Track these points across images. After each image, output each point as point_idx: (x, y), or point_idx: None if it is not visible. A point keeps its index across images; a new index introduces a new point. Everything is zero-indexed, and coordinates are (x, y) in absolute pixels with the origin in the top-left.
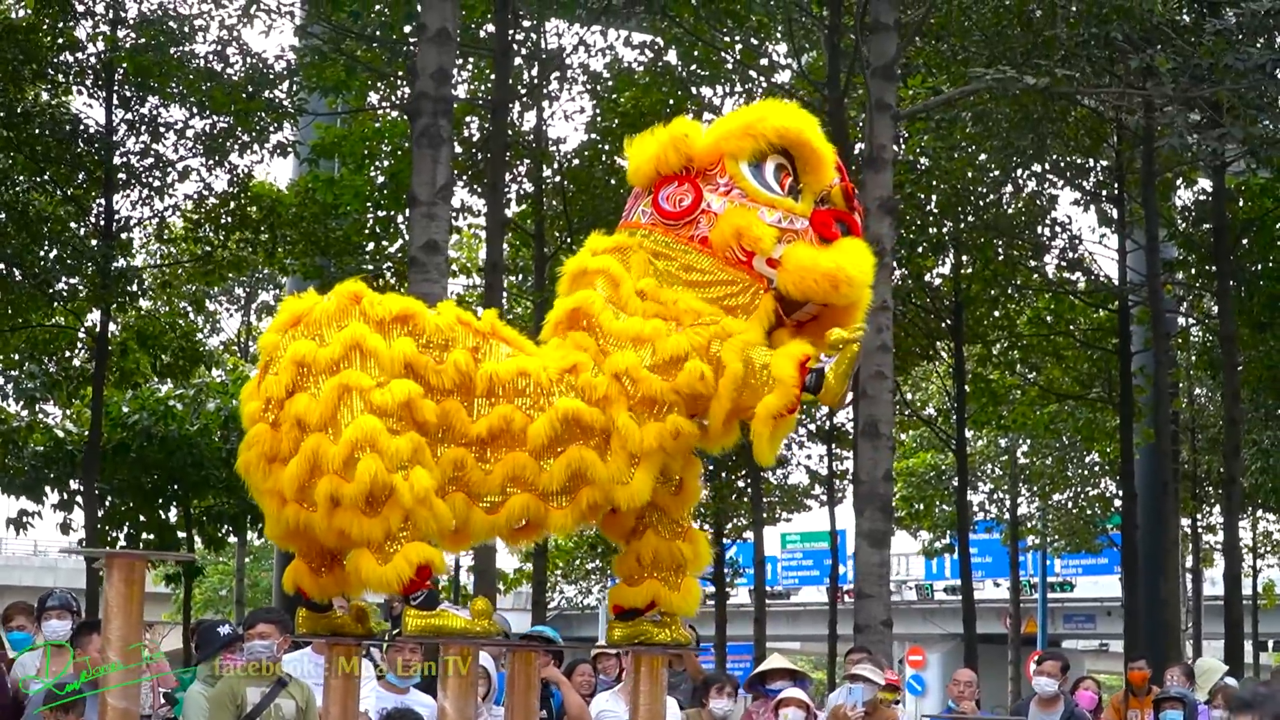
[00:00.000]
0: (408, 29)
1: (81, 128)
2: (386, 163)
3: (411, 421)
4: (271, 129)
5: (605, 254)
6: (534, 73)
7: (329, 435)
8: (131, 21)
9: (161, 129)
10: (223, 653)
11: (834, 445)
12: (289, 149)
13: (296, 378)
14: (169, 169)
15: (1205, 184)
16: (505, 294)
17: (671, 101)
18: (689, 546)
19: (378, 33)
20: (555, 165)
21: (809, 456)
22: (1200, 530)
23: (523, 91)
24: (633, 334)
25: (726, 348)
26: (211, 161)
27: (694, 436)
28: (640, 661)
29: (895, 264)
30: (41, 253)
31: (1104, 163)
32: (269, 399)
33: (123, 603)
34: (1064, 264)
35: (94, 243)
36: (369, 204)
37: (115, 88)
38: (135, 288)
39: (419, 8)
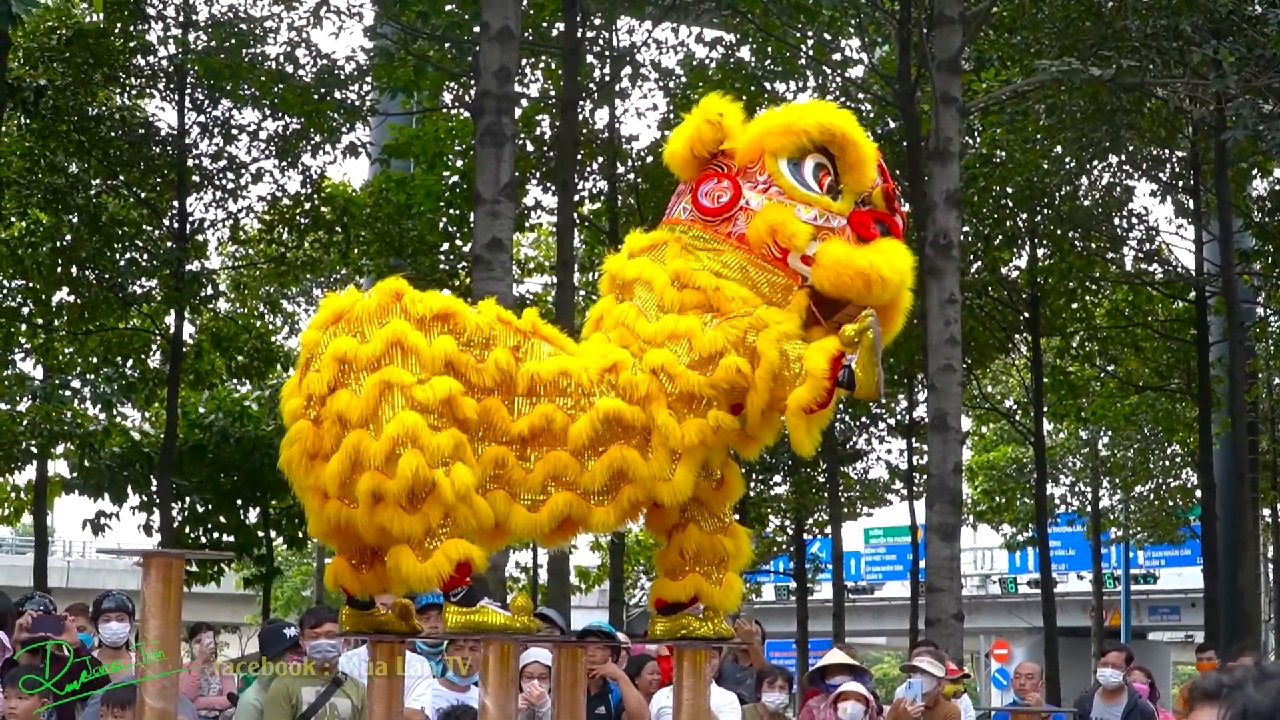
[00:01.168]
0: (476, 28)
1: (154, 131)
2: (459, 162)
3: (452, 419)
4: (343, 130)
5: (641, 255)
6: (605, 70)
7: (370, 432)
8: (202, 24)
9: (234, 131)
10: (289, 654)
11: (914, 439)
12: (360, 149)
13: (338, 374)
14: (242, 171)
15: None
16: (580, 292)
17: (744, 97)
18: (731, 541)
19: (446, 32)
20: (628, 162)
21: (889, 451)
22: None
23: (594, 89)
24: (668, 332)
25: (763, 337)
26: (284, 163)
27: (734, 431)
28: (683, 656)
29: (971, 257)
30: (116, 256)
31: (1179, 154)
32: (310, 395)
33: (160, 602)
34: (1141, 255)
35: (168, 245)
36: (442, 203)
37: (187, 91)
38: (210, 290)
39: (482, 7)
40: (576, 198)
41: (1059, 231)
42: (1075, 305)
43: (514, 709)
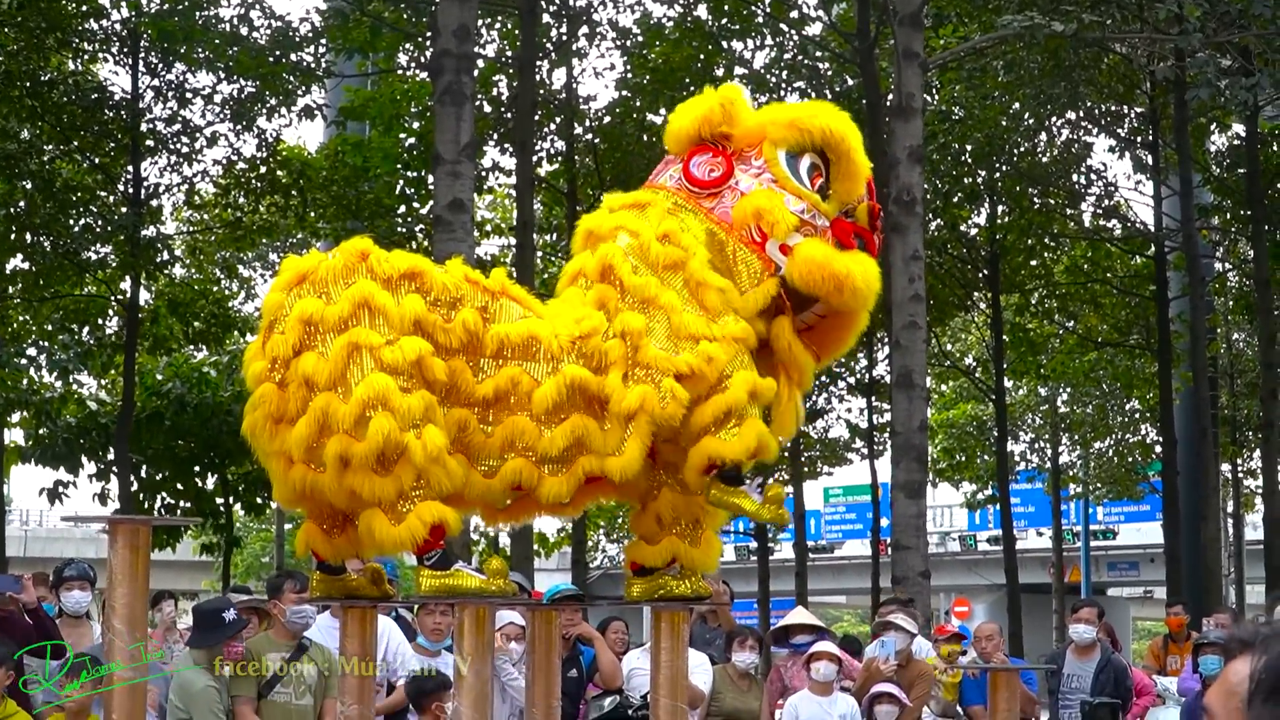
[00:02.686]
0: None
1: (108, 95)
2: (415, 124)
3: (422, 380)
4: (299, 92)
5: (622, 210)
6: (562, 30)
7: (339, 394)
8: None
9: (188, 95)
10: (226, 642)
11: (874, 398)
12: (316, 112)
13: (303, 336)
14: (197, 135)
15: (1239, 129)
16: (539, 253)
17: (702, 56)
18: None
19: None
20: (586, 123)
21: (849, 410)
22: (1241, 475)
23: (551, 49)
24: (651, 294)
25: (740, 377)
26: (239, 126)
27: (682, 411)
28: (661, 617)
29: (930, 215)
30: (70, 222)
31: (1138, 109)
32: (275, 358)
33: (127, 569)
34: (1100, 211)
35: (123, 211)
36: (399, 166)
37: (141, 54)
38: (165, 255)
39: None
40: (534, 159)
41: (1018, 188)
42: (1034, 262)
43: (489, 673)
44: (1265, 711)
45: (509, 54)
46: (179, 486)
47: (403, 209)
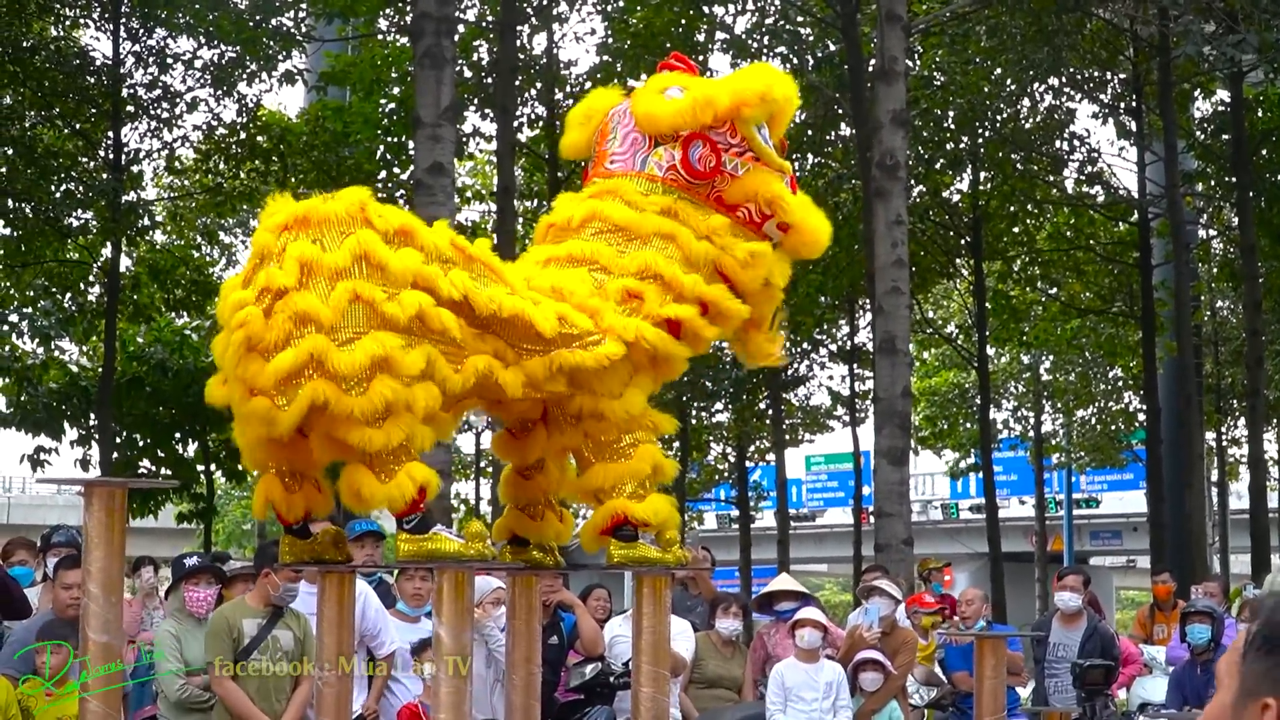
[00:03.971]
0: None
1: (89, 61)
2: (396, 89)
3: (424, 331)
4: (280, 57)
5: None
6: None
7: (334, 341)
8: None
9: (169, 60)
10: (184, 584)
11: (856, 365)
12: (297, 77)
13: (300, 277)
14: (177, 100)
15: (1223, 94)
16: (519, 219)
17: (684, 21)
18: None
19: None
20: (567, 88)
21: (831, 377)
22: (1225, 444)
23: (531, 13)
24: (640, 266)
25: (645, 451)
26: (220, 92)
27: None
28: (643, 583)
29: (913, 181)
30: (51, 188)
31: (1121, 75)
32: (266, 288)
33: (104, 533)
34: (1083, 178)
35: (104, 177)
36: (379, 131)
37: (122, 20)
38: (146, 221)
39: None
40: (515, 124)
41: (1000, 154)
42: (1017, 229)
43: (469, 638)
44: (1257, 662)
45: (490, 18)
46: (160, 453)
47: (384, 174)
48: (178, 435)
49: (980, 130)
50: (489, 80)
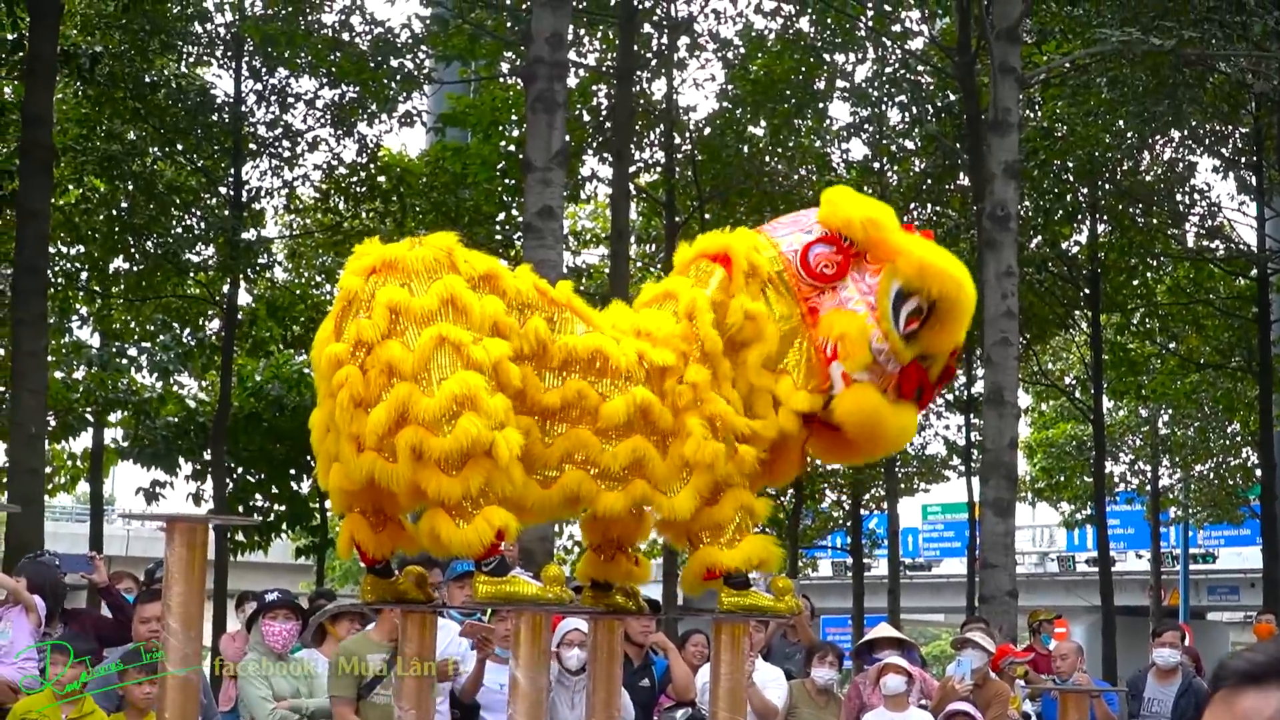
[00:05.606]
0: None
1: (211, 98)
2: (515, 131)
3: (498, 383)
4: (399, 98)
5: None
6: (663, 40)
7: (420, 386)
8: None
9: (290, 99)
10: (262, 619)
11: (972, 415)
12: (416, 118)
13: (390, 324)
14: (298, 139)
15: None
16: (637, 263)
17: (804, 69)
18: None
19: None
20: (686, 134)
21: (947, 426)
22: None
23: (651, 59)
24: (716, 352)
25: (732, 495)
26: (340, 131)
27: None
28: (721, 630)
29: (1031, 232)
30: (172, 224)
31: (1242, 129)
32: (359, 341)
33: (184, 568)
34: (1203, 231)
35: (224, 213)
36: (497, 172)
37: (244, 58)
38: (265, 258)
39: None
40: (633, 169)
41: (1120, 206)
42: (1136, 281)
43: (546, 681)
44: None
45: (610, 64)
46: (274, 489)
47: (501, 216)
48: (292, 471)
49: (1100, 182)
50: (607, 125)
